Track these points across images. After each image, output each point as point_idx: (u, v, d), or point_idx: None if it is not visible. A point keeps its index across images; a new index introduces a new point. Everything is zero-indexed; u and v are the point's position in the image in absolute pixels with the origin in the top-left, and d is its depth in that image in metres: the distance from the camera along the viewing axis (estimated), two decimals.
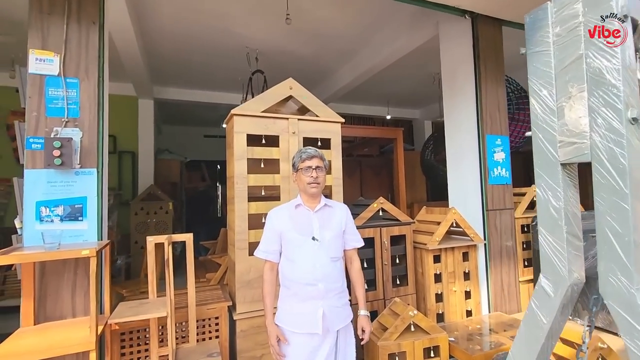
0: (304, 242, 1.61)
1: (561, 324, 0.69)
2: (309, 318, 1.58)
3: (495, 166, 2.98)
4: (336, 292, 1.64)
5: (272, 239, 1.66)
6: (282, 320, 1.63)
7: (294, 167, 1.72)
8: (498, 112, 3.05)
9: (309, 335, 1.58)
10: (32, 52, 1.77)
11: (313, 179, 1.64)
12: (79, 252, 1.47)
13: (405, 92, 6.64)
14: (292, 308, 1.61)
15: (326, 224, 1.68)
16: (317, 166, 1.66)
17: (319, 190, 1.68)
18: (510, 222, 3.04)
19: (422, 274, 2.80)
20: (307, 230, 1.64)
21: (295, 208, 1.69)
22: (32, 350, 1.42)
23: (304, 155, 1.67)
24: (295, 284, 1.60)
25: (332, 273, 1.64)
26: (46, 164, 1.71)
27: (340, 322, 1.65)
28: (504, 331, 2.53)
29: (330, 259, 1.64)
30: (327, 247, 1.64)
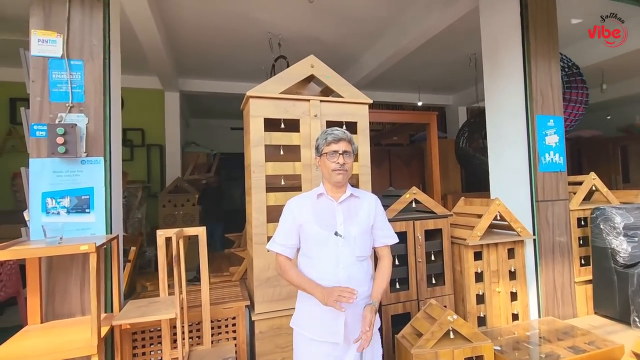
0: (326, 238, 1.40)
1: None
2: (329, 325, 1.38)
3: (547, 151, 2.61)
4: (362, 296, 1.41)
5: (291, 232, 1.45)
6: (300, 324, 1.46)
7: (317, 150, 1.49)
8: (551, 89, 2.66)
9: (331, 344, 1.38)
10: (34, 32, 1.65)
11: (339, 165, 1.42)
12: (77, 247, 1.34)
13: (437, 77, 6.21)
14: (311, 312, 1.42)
15: (352, 217, 1.45)
16: (345, 151, 1.43)
17: (345, 178, 1.45)
18: (564, 215, 2.66)
19: (460, 272, 2.50)
20: (329, 224, 1.42)
21: (317, 198, 1.47)
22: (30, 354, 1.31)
23: (330, 138, 1.44)
24: None
25: (357, 275, 1.42)
26: (50, 152, 1.60)
27: None
28: (558, 340, 2.20)
29: (355, 258, 1.42)
30: (353, 245, 1.42)
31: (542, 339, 2.26)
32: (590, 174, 2.89)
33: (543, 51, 2.63)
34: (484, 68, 2.98)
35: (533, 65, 2.61)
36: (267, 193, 2.02)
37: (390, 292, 2.35)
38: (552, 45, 2.66)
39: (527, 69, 2.61)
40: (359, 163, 2.22)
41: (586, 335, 2.23)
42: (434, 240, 2.51)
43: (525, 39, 2.62)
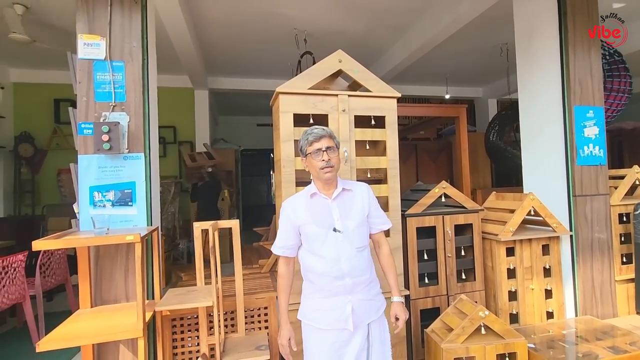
0: (325, 236, 1.44)
1: None
2: (337, 314, 1.44)
3: (585, 143, 2.49)
4: (365, 284, 1.48)
5: (289, 234, 1.51)
6: (308, 316, 1.51)
7: (301, 151, 1.52)
8: (590, 78, 2.53)
9: (338, 331, 1.43)
10: (80, 37, 1.77)
11: (325, 162, 1.44)
12: (123, 237, 1.44)
13: (466, 68, 6.03)
14: (318, 304, 1.48)
15: (347, 212, 1.49)
16: (328, 147, 1.45)
17: (334, 175, 1.48)
18: (604, 211, 2.54)
19: (492, 268, 2.45)
20: (326, 222, 1.46)
21: (310, 197, 1.51)
22: (86, 334, 1.43)
23: (311, 137, 1.46)
24: (321, 279, 1.47)
25: (359, 265, 1.47)
26: (96, 148, 1.71)
27: (371, 315, 1.49)
28: (596, 340, 2.12)
29: (356, 250, 1.47)
30: (352, 238, 1.46)
31: (579, 337, 2.18)
32: (633, 167, 2.73)
33: (583, 38, 2.50)
34: (517, 57, 2.87)
35: (571, 54, 2.49)
36: (297, 187, 2.06)
37: (419, 286, 2.34)
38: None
39: (565, 58, 2.50)
40: (387, 157, 2.22)
41: (627, 335, 2.13)
42: (464, 235, 2.47)
43: (562, 25, 2.50)
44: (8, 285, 2.69)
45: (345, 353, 1.43)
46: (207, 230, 1.76)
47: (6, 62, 5.33)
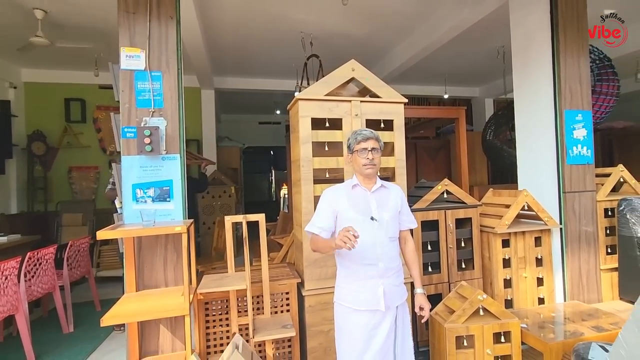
0: (364, 222, 1.62)
1: None
2: (370, 296, 1.61)
3: (574, 144, 2.73)
4: (394, 270, 1.68)
5: (328, 216, 1.65)
6: (343, 298, 1.66)
7: (349, 148, 1.73)
8: (580, 84, 2.76)
9: (371, 312, 1.61)
10: (122, 49, 1.96)
11: (369, 160, 1.64)
12: (172, 228, 1.65)
13: (464, 69, 6.26)
14: (353, 286, 1.64)
15: (383, 204, 1.69)
16: (373, 147, 1.66)
17: (374, 171, 1.68)
18: (591, 206, 2.79)
19: (489, 258, 2.69)
20: (365, 210, 1.65)
21: (352, 188, 1.71)
22: (138, 313, 1.65)
23: (360, 137, 1.67)
24: (356, 264, 1.63)
25: (391, 253, 1.67)
26: (139, 150, 1.91)
27: (398, 299, 1.68)
28: (582, 320, 2.37)
29: (389, 238, 1.66)
30: (386, 227, 1.66)
31: (566, 319, 2.43)
32: (618, 166, 2.98)
33: (572, 49, 2.73)
34: (513, 63, 3.10)
35: (562, 63, 2.72)
36: (315, 185, 2.28)
37: (423, 274, 2.57)
38: (581, 43, 2.76)
39: (556, 66, 2.73)
40: (395, 157, 2.44)
41: (610, 317, 2.38)
42: (464, 228, 2.70)
43: (554, 37, 2.73)
44: (42, 275, 2.89)
45: (377, 333, 1.60)
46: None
47: (18, 62, 5.47)
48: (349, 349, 1.63)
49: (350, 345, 1.63)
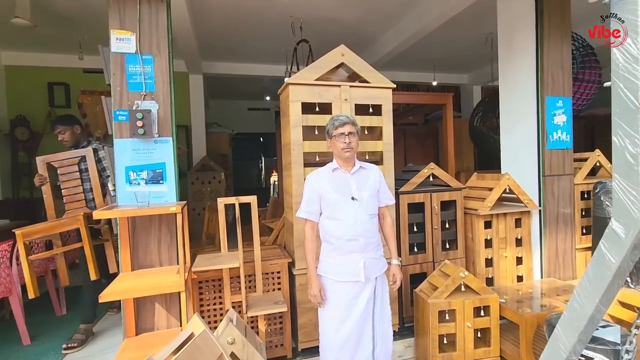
0: (345, 202, 1.75)
1: (629, 264, 0.73)
2: (352, 269, 1.74)
3: (554, 130, 2.84)
4: (374, 245, 1.80)
5: (313, 200, 1.80)
6: (327, 271, 1.79)
7: (328, 134, 1.83)
8: (561, 71, 2.86)
9: (352, 283, 1.75)
10: (112, 32, 1.96)
11: (346, 144, 1.75)
12: (167, 208, 1.70)
13: (453, 56, 6.31)
14: (335, 260, 1.77)
15: (362, 185, 1.81)
16: (350, 132, 1.76)
17: (352, 155, 1.79)
18: (569, 189, 2.92)
19: (472, 239, 2.82)
20: (346, 191, 1.77)
21: (332, 172, 1.82)
22: (135, 289, 1.70)
23: (337, 123, 1.78)
24: (339, 240, 1.75)
25: (371, 229, 1.79)
26: (131, 133, 1.94)
27: (377, 271, 1.81)
28: (557, 295, 2.53)
29: (368, 216, 1.78)
30: (366, 206, 1.78)
31: (542, 295, 2.59)
32: (595, 150, 3.11)
33: (555, 36, 2.82)
34: (499, 50, 3.17)
35: (545, 49, 2.80)
36: (305, 168, 2.34)
37: (409, 254, 2.69)
38: (564, 31, 2.84)
39: (540, 53, 2.81)
40: (383, 141, 2.51)
41: None
42: (449, 210, 2.81)
43: (538, 24, 2.80)
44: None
45: (357, 302, 1.75)
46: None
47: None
48: (331, 316, 1.77)
49: (332, 312, 1.77)
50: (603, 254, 0.76)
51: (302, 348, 2.35)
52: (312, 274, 1.79)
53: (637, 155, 0.69)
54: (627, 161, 0.71)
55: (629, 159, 0.71)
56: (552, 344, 0.88)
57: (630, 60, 0.68)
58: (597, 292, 0.77)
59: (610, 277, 0.75)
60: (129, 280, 1.83)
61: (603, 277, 0.76)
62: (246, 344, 1.60)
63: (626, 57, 0.69)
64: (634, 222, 0.70)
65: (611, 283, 0.75)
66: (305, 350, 2.36)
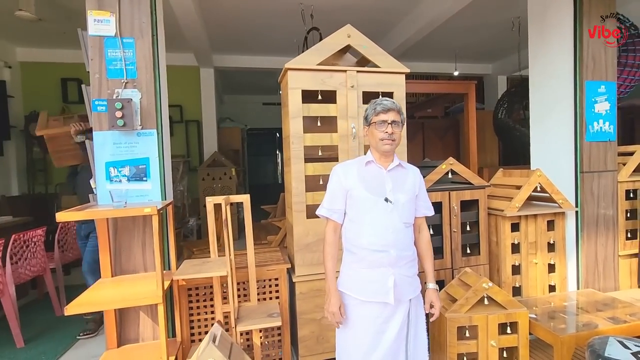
0: (375, 203, 1.44)
1: None
2: (379, 287, 1.43)
3: (596, 119, 2.47)
4: (407, 260, 1.49)
5: (338, 197, 1.50)
6: (348, 287, 1.49)
7: (366, 120, 1.52)
8: (604, 52, 2.48)
9: (381, 305, 1.44)
10: (89, 13, 1.78)
11: (388, 134, 1.43)
12: (141, 210, 1.50)
13: (476, 44, 5.88)
14: (359, 275, 1.47)
15: (400, 185, 1.50)
16: (394, 120, 1.45)
17: (393, 148, 1.47)
18: (611, 187, 2.55)
19: (496, 243, 2.50)
20: (379, 190, 1.46)
21: (365, 165, 1.51)
22: (109, 300, 1.52)
23: (379, 108, 1.46)
24: (363, 250, 1.45)
25: (405, 240, 1.48)
26: (110, 125, 1.75)
27: (410, 292, 1.49)
28: (597, 311, 2.18)
29: (403, 224, 1.47)
30: (401, 211, 1.46)
31: (580, 309, 2.25)
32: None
33: (598, 11, 2.44)
34: (529, 32, 2.81)
35: (585, 28, 2.43)
36: (306, 163, 2.10)
37: None
38: (608, 4, 2.45)
39: (579, 32, 2.45)
40: None
41: (628, 307, 2.19)
42: (470, 211, 2.51)
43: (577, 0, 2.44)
44: (30, 258, 2.81)
45: (387, 328, 1.44)
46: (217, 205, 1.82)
47: (13, 41, 5.33)
48: (356, 344, 1.46)
49: (357, 341, 1.46)
50: None
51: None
52: (332, 285, 1.47)
53: None
54: None
55: None
56: None
57: None
58: None
59: None
60: (106, 288, 1.65)
61: None
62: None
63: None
64: None
65: None
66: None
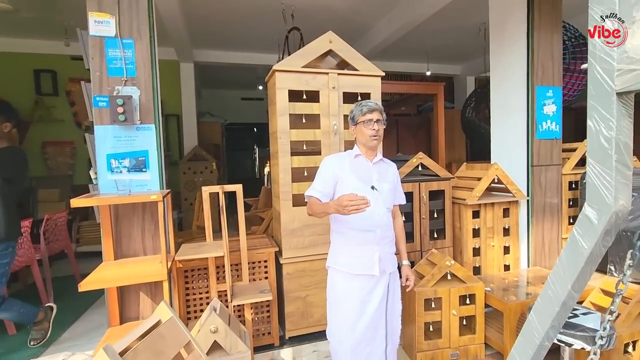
0: (364, 190, 1.64)
1: (602, 250, 0.72)
2: (366, 261, 1.65)
3: (544, 120, 2.84)
4: (389, 239, 1.74)
5: (330, 182, 1.69)
6: (339, 262, 1.70)
7: (352, 120, 1.72)
8: (552, 61, 2.84)
9: (367, 276, 1.67)
10: (90, 14, 1.89)
11: (375, 131, 1.66)
12: (148, 197, 1.67)
13: (446, 46, 6.26)
14: (349, 251, 1.68)
15: (383, 176, 1.75)
16: (378, 119, 1.67)
17: (378, 143, 1.71)
18: (556, 179, 2.93)
19: (459, 228, 2.82)
20: (366, 179, 1.69)
21: (354, 158, 1.73)
22: (117, 278, 1.68)
23: (365, 109, 1.67)
24: (353, 230, 1.67)
25: (388, 222, 1.72)
26: (112, 120, 1.89)
27: (391, 266, 1.75)
28: (541, 284, 2.55)
29: (386, 209, 1.71)
30: (385, 198, 1.70)
31: (528, 283, 2.61)
32: (584, 141, 3.12)
33: (546, 25, 2.79)
34: (490, 39, 3.14)
35: (536, 39, 2.78)
36: (292, 157, 2.32)
37: None
38: (555, 20, 2.81)
39: (530, 42, 2.79)
40: None
41: None
42: (437, 200, 2.81)
43: (530, 12, 2.77)
44: (18, 249, 2.86)
45: (371, 297, 1.66)
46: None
47: None
48: (345, 313, 1.67)
49: (345, 310, 1.67)
50: (576, 240, 0.75)
51: (290, 336, 2.36)
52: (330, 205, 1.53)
53: (611, 139, 0.68)
54: (601, 145, 0.70)
55: (604, 143, 0.69)
56: (526, 329, 0.88)
57: None
58: (570, 278, 0.77)
59: (583, 263, 0.74)
60: (111, 269, 1.81)
61: (576, 264, 0.75)
62: (229, 333, 1.59)
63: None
64: (607, 207, 0.69)
65: (583, 269, 0.74)
66: (293, 339, 2.36)
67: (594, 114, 0.71)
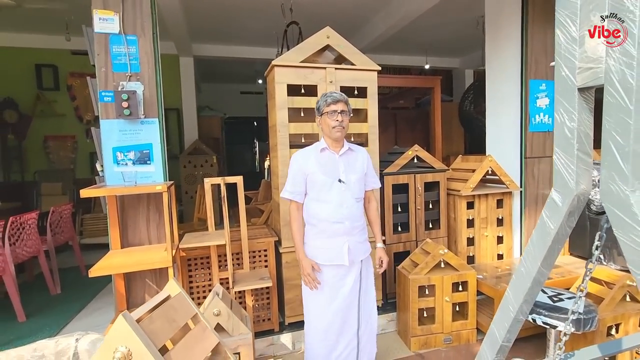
0: (331, 184, 1.70)
1: (567, 230, 0.80)
2: (336, 252, 1.72)
3: (537, 113, 2.90)
4: (359, 229, 1.79)
5: (299, 181, 1.74)
6: (311, 254, 1.77)
7: (318, 111, 1.74)
8: (545, 55, 2.90)
9: (336, 266, 1.75)
10: (95, 12, 1.96)
11: (338, 122, 1.67)
12: (153, 187, 1.75)
13: (445, 39, 6.29)
14: (320, 243, 1.75)
15: (351, 167, 1.78)
16: (342, 110, 1.69)
17: (343, 134, 1.72)
18: (549, 170, 3.01)
19: (454, 219, 2.91)
20: (333, 173, 1.72)
21: (320, 152, 1.76)
22: (124, 265, 1.77)
23: (330, 99, 1.69)
24: (323, 222, 1.72)
25: (356, 212, 1.77)
26: (117, 114, 1.96)
27: (362, 254, 1.81)
28: None
29: (355, 199, 1.76)
30: (353, 189, 1.75)
31: None
32: None
33: (540, 20, 2.84)
34: (486, 34, 3.20)
35: (530, 33, 2.83)
36: (290, 149, 2.39)
37: (393, 233, 2.78)
38: (548, 15, 2.86)
39: (524, 37, 2.85)
40: (368, 124, 2.56)
41: (557, 268, 2.67)
42: (432, 191, 2.89)
43: (524, 7, 2.83)
44: (26, 239, 2.95)
45: (343, 284, 1.75)
46: None
47: None
48: (316, 299, 1.77)
49: (317, 295, 1.76)
50: (544, 221, 0.83)
51: (289, 322, 2.45)
52: (301, 254, 1.75)
53: (573, 130, 0.76)
54: (565, 136, 0.78)
55: (567, 134, 0.77)
56: (503, 304, 0.97)
57: (570, 41, 0.74)
58: (539, 256, 0.85)
59: (550, 242, 0.82)
60: (118, 256, 1.90)
61: (544, 243, 0.83)
62: (231, 316, 1.68)
63: (567, 38, 0.74)
64: (570, 191, 0.77)
65: (551, 248, 0.83)
66: (292, 324, 2.46)
67: (559, 107, 0.79)
